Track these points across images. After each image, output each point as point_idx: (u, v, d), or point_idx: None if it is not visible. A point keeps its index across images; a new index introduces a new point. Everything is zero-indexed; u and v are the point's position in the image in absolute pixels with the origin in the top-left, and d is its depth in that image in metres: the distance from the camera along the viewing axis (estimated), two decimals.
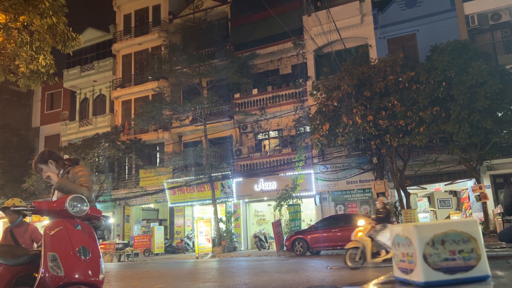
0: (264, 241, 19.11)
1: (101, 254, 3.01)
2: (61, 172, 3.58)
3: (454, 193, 20.39)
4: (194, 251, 18.42)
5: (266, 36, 20.49)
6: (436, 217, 19.73)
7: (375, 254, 8.73)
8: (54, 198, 3.39)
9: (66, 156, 3.79)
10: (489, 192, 15.28)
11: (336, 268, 9.06)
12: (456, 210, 19.67)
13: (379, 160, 16.33)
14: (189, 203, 21.30)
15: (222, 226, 19.40)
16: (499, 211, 13.94)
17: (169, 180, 21.23)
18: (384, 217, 9.26)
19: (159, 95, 21.02)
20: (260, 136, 21.20)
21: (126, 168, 23.38)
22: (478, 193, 14.20)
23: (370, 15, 18.80)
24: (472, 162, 14.60)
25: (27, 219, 5.57)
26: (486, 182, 15.79)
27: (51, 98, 28.08)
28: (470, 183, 16.02)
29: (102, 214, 3.35)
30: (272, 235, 17.37)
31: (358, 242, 8.79)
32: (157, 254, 20.01)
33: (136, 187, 21.92)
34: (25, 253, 3.19)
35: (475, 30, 17.23)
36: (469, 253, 1.36)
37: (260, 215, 21.68)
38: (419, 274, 1.35)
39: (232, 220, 19.95)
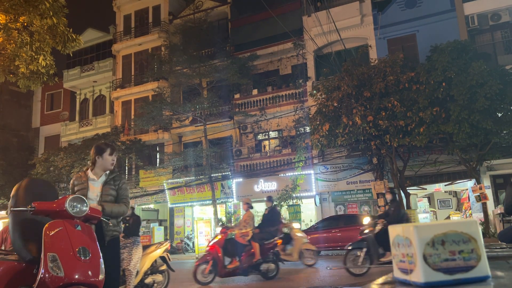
0: None
1: (101, 254, 3.01)
2: (107, 172, 3.65)
3: (454, 193, 20.40)
4: (194, 252, 18.42)
5: (266, 36, 20.49)
6: (436, 218, 19.74)
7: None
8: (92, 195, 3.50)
9: None
10: (489, 192, 15.27)
11: (336, 269, 9.05)
12: (456, 210, 19.67)
13: (379, 161, 16.34)
14: (189, 204, 21.30)
15: None
16: (499, 212, 13.93)
17: (169, 181, 21.23)
18: (131, 228, 6.65)
19: (159, 95, 21.02)
20: (260, 137, 21.20)
21: (126, 168, 23.37)
22: (478, 194, 14.19)
23: (370, 15, 18.80)
24: (472, 162, 14.60)
25: None
26: (486, 182, 15.79)
27: (51, 99, 28.09)
28: (470, 184, 16.02)
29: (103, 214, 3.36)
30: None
31: None
32: None
33: (136, 187, 21.91)
34: (28, 250, 3.19)
35: (475, 31, 17.23)
36: (469, 253, 1.36)
37: (260, 215, 21.65)
38: (419, 275, 1.35)
39: (232, 220, 19.94)
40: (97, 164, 3.62)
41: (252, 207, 8.76)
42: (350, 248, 7.61)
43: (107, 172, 3.66)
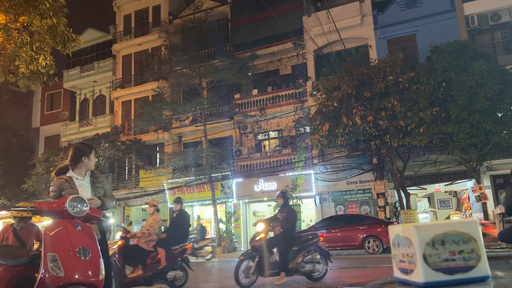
0: None
1: (101, 254, 3.01)
2: (89, 172, 3.66)
3: (454, 193, 20.40)
4: None
5: (266, 36, 20.50)
6: (436, 218, 19.74)
7: None
8: None
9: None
10: (489, 192, 15.28)
11: (336, 269, 9.05)
12: (456, 210, 19.68)
13: (379, 161, 16.34)
14: (189, 204, 21.29)
15: (222, 226, 19.40)
16: (499, 212, 13.93)
17: (169, 181, 21.22)
18: None
19: (159, 95, 21.03)
20: (260, 137, 21.20)
21: (126, 168, 23.38)
22: (478, 194, 14.20)
23: (370, 15, 18.81)
24: (472, 162, 14.61)
25: None
26: (486, 182, 15.79)
27: (51, 99, 28.09)
28: (470, 184, 16.02)
29: (102, 214, 3.37)
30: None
31: None
32: None
33: (136, 187, 21.91)
34: (25, 253, 3.20)
35: (475, 31, 17.24)
36: (469, 253, 1.36)
37: (260, 215, 21.66)
38: (419, 275, 1.35)
39: (232, 220, 19.95)
40: (82, 164, 3.57)
41: (159, 210, 7.83)
42: (241, 257, 7.01)
43: (88, 172, 3.66)
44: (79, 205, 3.05)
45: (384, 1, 19.13)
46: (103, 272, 2.94)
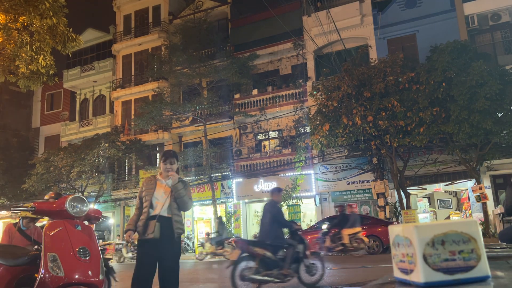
0: None
1: (101, 254, 3.01)
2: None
3: (454, 193, 20.40)
4: (194, 252, 18.40)
5: (266, 36, 20.51)
6: (436, 218, 19.74)
7: None
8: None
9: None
10: (489, 192, 15.28)
11: (336, 269, 9.05)
12: (456, 210, 19.68)
13: (379, 161, 16.34)
14: None
15: None
16: (499, 212, 13.94)
17: None
18: None
19: (159, 95, 21.02)
20: (260, 137, 21.20)
21: (126, 168, 23.37)
22: (478, 194, 14.20)
23: (370, 15, 18.81)
24: (472, 162, 14.61)
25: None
26: (486, 182, 15.79)
27: (51, 99, 28.08)
28: (470, 184, 16.02)
29: (102, 214, 3.37)
30: None
31: None
32: None
33: (136, 187, 21.88)
34: (25, 253, 3.19)
35: (475, 31, 17.24)
36: (469, 253, 1.36)
37: (260, 215, 21.62)
38: (419, 275, 1.35)
39: (232, 220, 19.95)
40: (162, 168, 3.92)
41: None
42: None
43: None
44: (79, 205, 3.05)
45: (384, 1, 19.13)
46: (104, 272, 2.94)
